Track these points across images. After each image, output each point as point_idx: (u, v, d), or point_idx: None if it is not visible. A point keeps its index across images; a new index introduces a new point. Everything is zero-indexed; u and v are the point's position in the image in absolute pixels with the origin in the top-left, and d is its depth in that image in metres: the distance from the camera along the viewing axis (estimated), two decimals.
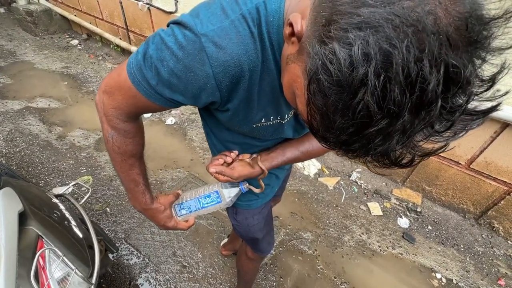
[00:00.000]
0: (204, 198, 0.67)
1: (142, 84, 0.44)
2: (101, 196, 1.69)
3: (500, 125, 1.32)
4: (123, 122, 0.53)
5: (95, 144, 2.07)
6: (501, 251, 1.55)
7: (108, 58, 3.30)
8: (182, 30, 0.40)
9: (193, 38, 0.38)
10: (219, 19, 0.39)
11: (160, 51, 0.41)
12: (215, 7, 0.40)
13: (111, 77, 0.50)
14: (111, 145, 0.55)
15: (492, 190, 1.50)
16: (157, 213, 0.66)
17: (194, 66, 0.39)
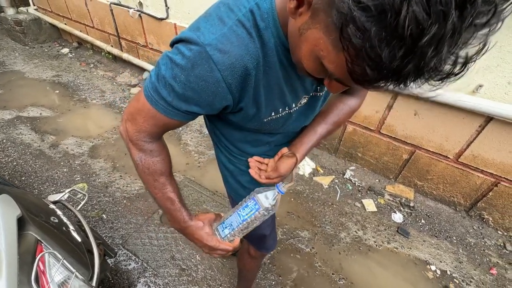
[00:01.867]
0: (243, 210, 0.62)
1: (159, 103, 0.48)
2: (96, 203, 1.68)
3: (484, 119, 1.37)
4: (148, 143, 0.56)
5: (89, 152, 2.06)
6: (491, 241, 1.60)
7: (99, 65, 3.29)
8: (187, 45, 0.43)
9: (199, 50, 0.42)
10: (219, 28, 0.43)
11: (171, 70, 0.45)
12: (213, 18, 0.44)
13: (131, 105, 0.54)
14: (141, 168, 0.57)
15: (480, 182, 1.55)
16: (197, 230, 0.63)
17: (204, 75, 0.43)
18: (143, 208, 1.67)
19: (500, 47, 1.19)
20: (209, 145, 2.20)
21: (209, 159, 2.07)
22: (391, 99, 1.62)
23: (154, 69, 0.48)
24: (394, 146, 1.77)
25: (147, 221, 1.60)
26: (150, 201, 1.71)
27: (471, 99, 1.31)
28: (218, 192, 1.80)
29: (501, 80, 1.25)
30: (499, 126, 1.35)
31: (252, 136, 0.65)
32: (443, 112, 1.47)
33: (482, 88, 1.31)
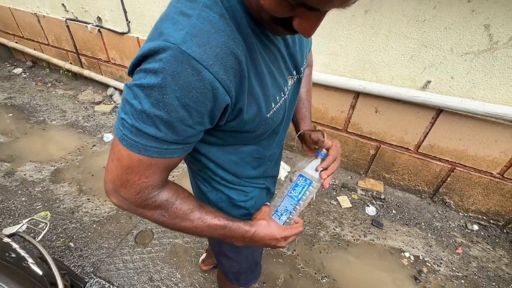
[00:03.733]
0: (294, 190, 0.59)
1: (149, 146, 0.38)
2: (62, 231, 1.55)
3: (435, 111, 1.51)
4: (158, 195, 0.44)
5: (51, 176, 1.92)
6: (455, 223, 1.74)
7: (58, 84, 3.10)
8: (154, 58, 0.34)
9: (172, 54, 0.33)
10: (185, 21, 0.35)
11: (147, 98, 0.35)
12: (173, 16, 0.36)
13: (112, 169, 0.41)
14: (170, 222, 0.47)
15: (439, 169, 1.68)
16: (264, 230, 0.56)
17: (191, 81, 0.34)
18: (115, 230, 1.58)
19: (440, 46, 1.32)
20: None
21: (184, 172, 2.02)
22: (354, 99, 1.72)
23: (122, 110, 0.38)
24: (361, 143, 1.86)
25: (120, 244, 1.50)
26: (122, 223, 1.62)
27: (422, 94, 1.43)
28: None
29: (445, 75, 1.39)
30: (449, 117, 1.48)
31: (249, 154, 0.57)
32: (400, 108, 1.58)
33: (431, 84, 1.44)
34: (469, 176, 1.61)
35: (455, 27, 1.25)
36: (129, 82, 0.38)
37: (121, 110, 0.38)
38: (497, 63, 1.25)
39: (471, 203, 1.70)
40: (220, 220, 0.51)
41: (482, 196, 1.64)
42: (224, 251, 0.74)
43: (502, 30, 1.18)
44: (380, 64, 1.51)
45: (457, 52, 1.30)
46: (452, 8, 1.22)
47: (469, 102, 1.35)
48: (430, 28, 1.30)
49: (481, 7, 1.17)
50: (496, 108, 1.30)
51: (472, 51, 1.27)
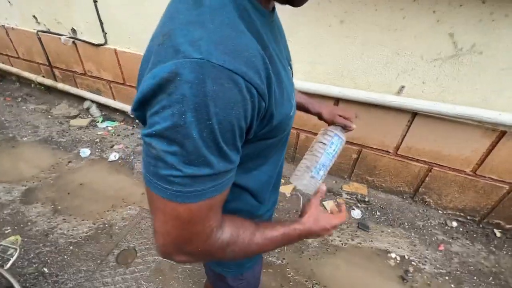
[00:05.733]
0: (330, 147, 0.71)
1: (207, 189, 0.34)
2: (35, 256, 1.43)
3: (410, 115, 1.58)
4: (222, 234, 0.40)
5: (22, 197, 1.78)
6: (435, 221, 1.80)
7: (30, 98, 2.94)
8: (178, 82, 0.28)
9: (201, 71, 0.28)
10: (200, 30, 0.30)
11: (188, 136, 0.29)
12: (181, 28, 0.31)
13: (168, 233, 0.35)
14: (240, 253, 0.44)
15: (418, 170, 1.75)
16: (317, 223, 0.55)
17: (230, 96, 0.30)
18: (95, 251, 1.48)
19: (411, 53, 1.40)
20: None
21: None
22: (334, 104, 1.76)
23: (161, 166, 0.32)
24: (344, 148, 1.91)
25: (100, 266, 1.41)
26: (102, 242, 1.53)
27: (397, 99, 1.50)
28: None
29: (417, 80, 1.47)
30: (423, 119, 1.56)
31: (273, 162, 0.55)
32: (378, 113, 1.65)
33: (405, 89, 1.51)
34: (445, 175, 1.69)
35: (423, 35, 1.34)
36: (150, 129, 0.31)
37: (157, 166, 0.32)
38: (463, 68, 1.34)
39: (449, 201, 1.78)
40: (278, 230, 0.50)
41: (458, 193, 1.72)
42: (227, 281, 0.69)
43: (465, 38, 1.27)
44: (357, 71, 1.57)
45: (427, 58, 1.38)
46: (420, 18, 1.30)
47: (440, 105, 1.43)
48: (402, 37, 1.38)
49: (445, 17, 1.26)
50: (465, 110, 1.38)
51: (440, 57, 1.36)
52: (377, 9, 1.36)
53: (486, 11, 1.19)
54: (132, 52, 2.16)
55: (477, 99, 1.39)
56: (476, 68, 1.32)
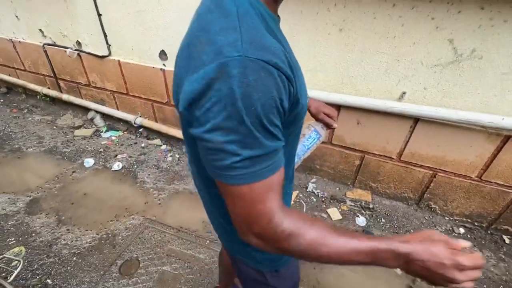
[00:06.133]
0: (307, 140, 0.76)
1: (264, 168, 0.38)
2: (38, 267, 1.43)
3: (412, 120, 1.57)
4: (285, 221, 0.40)
5: (26, 208, 1.80)
6: (442, 227, 1.77)
7: (35, 110, 2.99)
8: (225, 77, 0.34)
9: (244, 65, 0.34)
10: (234, 34, 0.36)
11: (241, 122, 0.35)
12: (215, 35, 0.37)
13: (239, 215, 0.40)
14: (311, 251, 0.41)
15: (422, 176, 1.74)
16: (427, 249, 0.40)
17: (268, 84, 0.35)
18: (98, 262, 1.48)
19: (411, 59, 1.40)
20: (168, 180, 2.09)
21: (170, 194, 1.96)
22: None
23: (223, 156, 0.37)
24: (346, 154, 1.90)
25: (103, 277, 1.41)
26: (105, 253, 1.53)
27: (399, 105, 1.50)
28: (183, 228, 1.69)
29: (418, 86, 1.47)
30: (425, 125, 1.55)
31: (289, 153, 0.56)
32: (380, 119, 1.64)
33: (406, 95, 1.51)
34: (450, 181, 1.66)
35: (422, 42, 1.34)
36: (206, 126, 0.36)
37: (220, 158, 0.37)
38: (463, 74, 1.34)
39: (455, 207, 1.75)
40: (362, 240, 0.42)
41: (464, 199, 1.69)
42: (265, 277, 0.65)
43: (464, 43, 1.27)
44: (358, 78, 1.58)
45: (427, 64, 1.39)
46: (418, 25, 1.31)
47: (442, 110, 1.43)
48: (401, 44, 1.39)
49: (444, 23, 1.27)
50: (468, 115, 1.37)
51: (440, 63, 1.36)
52: (375, 17, 1.37)
53: (485, 17, 1.19)
54: (135, 63, 2.20)
55: (479, 104, 1.38)
56: (477, 73, 1.32)
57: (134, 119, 2.49)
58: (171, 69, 2.08)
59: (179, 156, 2.36)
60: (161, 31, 1.93)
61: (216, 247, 1.58)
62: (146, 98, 2.38)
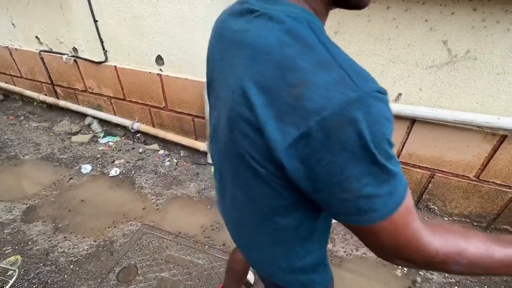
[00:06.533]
0: None
1: (404, 186, 0.35)
2: (35, 276, 1.42)
3: (409, 121, 1.58)
4: (433, 238, 0.37)
5: (23, 216, 1.78)
6: None
7: (32, 116, 2.98)
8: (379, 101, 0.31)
9: (369, 102, 0.30)
10: (335, 67, 0.32)
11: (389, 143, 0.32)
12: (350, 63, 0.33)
13: (400, 240, 0.35)
14: (475, 266, 0.38)
15: (420, 176, 1.74)
16: None
17: (388, 111, 0.33)
18: (95, 270, 1.46)
19: (406, 61, 1.41)
20: (166, 185, 2.08)
21: (168, 200, 1.95)
22: None
23: (382, 183, 0.33)
24: None
25: (101, 285, 1.39)
26: (103, 260, 1.51)
27: (395, 106, 1.51)
28: (181, 234, 1.68)
29: (414, 87, 1.47)
30: (422, 126, 1.56)
31: None
32: None
33: (402, 96, 1.52)
34: (448, 181, 1.67)
35: (417, 43, 1.35)
36: (331, 178, 0.32)
37: (356, 204, 0.33)
38: (458, 74, 1.35)
39: (454, 207, 1.75)
40: (503, 245, 0.38)
41: (463, 199, 1.69)
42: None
43: (458, 44, 1.28)
44: None
45: (422, 66, 1.40)
46: (412, 27, 1.32)
47: (438, 111, 1.43)
48: (395, 46, 1.40)
49: (438, 25, 1.28)
50: (463, 115, 1.38)
51: (435, 64, 1.37)
52: (370, 20, 1.38)
53: (477, 18, 1.21)
54: (132, 68, 2.20)
55: (475, 104, 1.39)
56: (471, 74, 1.33)
57: (131, 124, 2.49)
58: (168, 74, 2.08)
59: (177, 161, 2.36)
60: (157, 36, 1.94)
61: (214, 252, 1.57)
62: (143, 103, 2.38)
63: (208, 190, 2.05)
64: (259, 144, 0.36)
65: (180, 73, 2.05)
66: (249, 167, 0.41)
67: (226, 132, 0.43)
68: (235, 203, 0.54)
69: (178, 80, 2.06)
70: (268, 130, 0.34)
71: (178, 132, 2.40)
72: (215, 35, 0.48)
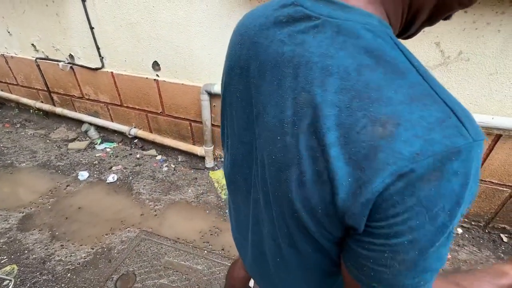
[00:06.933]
0: None
1: None
2: (31, 286, 1.39)
3: None
4: None
5: (19, 224, 1.76)
6: None
7: (28, 124, 2.97)
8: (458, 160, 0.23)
9: (480, 151, 0.25)
10: (436, 103, 0.25)
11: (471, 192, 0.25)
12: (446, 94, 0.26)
13: None
14: None
15: None
16: None
17: None
18: (93, 278, 1.45)
19: None
20: (164, 190, 2.08)
21: (166, 205, 1.94)
22: None
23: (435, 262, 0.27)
24: None
25: None
26: (101, 268, 1.50)
27: None
28: (180, 239, 1.67)
29: None
30: None
31: None
32: None
33: None
34: None
35: (410, 45, 1.37)
36: (401, 237, 0.25)
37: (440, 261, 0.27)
38: (452, 75, 1.37)
39: None
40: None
41: None
42: None
43: (451, 46, 1.30)
44: None
45: None
46: None
47: None
48: None
49: (430, 27, 1.30)
50: None
51: (429, 65, 1.39)
52: None
53: (468, 20, 1.23)
54: (128, 74, 2.21)
55: (469, 104, 1.40)
56: (465, 75, 1.35)
57: (128, 130, 2.48)
58: (165, 79, 2.09)
59: (174, 166, 2.35)
60: (154, 42, 1.95)
61: (214, 257, 1.56)
62: (140, 109, 2.38)
63: (206, 195, 2.04)
64: (322, 195, 0.29)
65: (177, 78, 2.05)
66: (297, 217, 0.33)
67: (272, 171, 0.34)
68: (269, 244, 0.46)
69: (175, 85, 2.07)
70: (340, 179, 0.26)
71: (176, 137, 2.40)
72: (246, 43, 0.37)
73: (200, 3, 1.67)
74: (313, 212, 0.31)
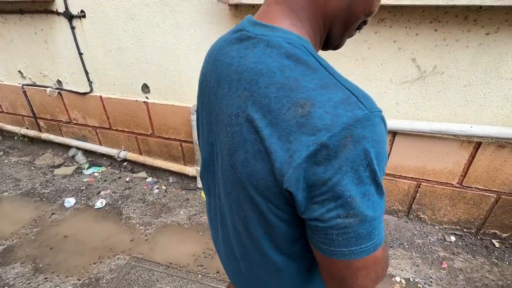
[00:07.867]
0: None
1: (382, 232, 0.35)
2: None
3: (391, 134, 1.65)
4: None
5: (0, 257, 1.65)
6: (434, 237, 1.78)
7: (12, 151, 2.88)
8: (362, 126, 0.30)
9: (374, 121, 0.31)
10: (338, 88, 0.33)
11: (378, 161, 0.31)
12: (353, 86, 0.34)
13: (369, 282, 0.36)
14: None
15: (407, 187, 1.78)
16: None
17: (385, 132, 0.34)
18: None
19: (381, 78, 1.51)
20: (155, 213, 2.02)
21: (158, 229, 1.88)
22: None
23: (365, 223, 0.32)
24: None
25: None
26: None
27: None
28: (172, 264, 1.60)
29: (391, 102, 1.56)
30: (403, 138, 1.63)
31: None
32: None
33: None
34: (434, 190, 1.71)
35: (389, 62, 1.46)
36: (331, 203, 0.32)
37: (360, 227, 0.32)
38: (429, 88, 1.45)
39: (443, 215, 1.78)
40: None
41: (450, 206, 1.73)
42: None
43: (426, 61, 1.39)
44: None
45: (396, 82, 1.49)
46: (383, 47, 1.43)
47: (416, 123, 1.51)
48: (369, 65, 1.50)
49: (405, 45, 1.39)
50: (439, 125, 1.46)
51: (407, 80, 1.47)
52: None
53: (439, 37, 1.33)
54: (118, 97, 2.22)
55: (448, 114, 1.48)
56: (441, 87, 1.43)
57: (117, 153, 2.45)
58: (154, 101, 2.10)
59: (165, 188, 2.30)
60: (143, 65, 1.98)
61: (208, 281, 1.50)
62: (130, 131, 2.36)
63: (199, 215, 2.00)
64: (263, 169, 0.35)
65: (166, 100, 2.08)
66: (248, 197, 0.40)
67: (226, 159, 0.42)
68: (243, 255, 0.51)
69: (164, 107, 2.09)
70: (275, 152, 0.33)
71: (166, 158, 2.37)
72: (210, 61, 0.47)
73: (188, 28, 1.74)
74: (258, 186, 0.38)
